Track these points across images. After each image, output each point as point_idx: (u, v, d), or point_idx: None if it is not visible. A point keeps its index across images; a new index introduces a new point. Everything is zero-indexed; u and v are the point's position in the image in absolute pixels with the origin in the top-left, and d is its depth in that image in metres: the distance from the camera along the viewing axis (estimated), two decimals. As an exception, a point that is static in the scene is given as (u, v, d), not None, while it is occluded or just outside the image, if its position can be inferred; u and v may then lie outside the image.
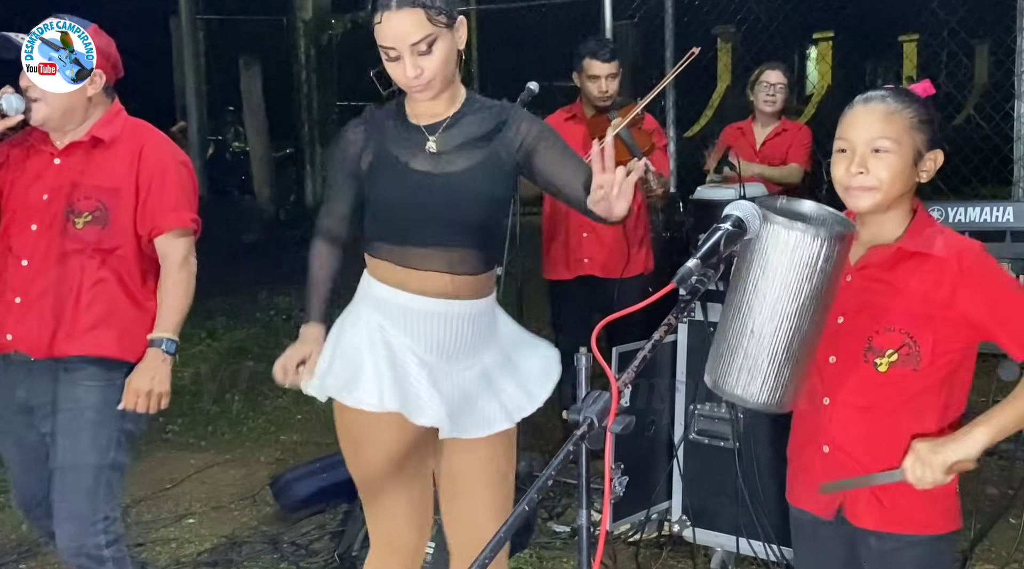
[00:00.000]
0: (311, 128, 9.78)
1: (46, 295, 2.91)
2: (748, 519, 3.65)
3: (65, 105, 2.90)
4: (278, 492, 4.45)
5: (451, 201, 2.52)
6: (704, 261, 1.89)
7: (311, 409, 6.00)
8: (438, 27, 2.41)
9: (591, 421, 1.66)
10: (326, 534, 4.27)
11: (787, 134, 5.27)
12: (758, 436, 3.66)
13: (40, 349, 2.92)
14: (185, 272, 3.00)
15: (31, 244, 2.92)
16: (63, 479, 2.93)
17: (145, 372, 2.92)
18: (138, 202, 2.95)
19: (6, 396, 3.01)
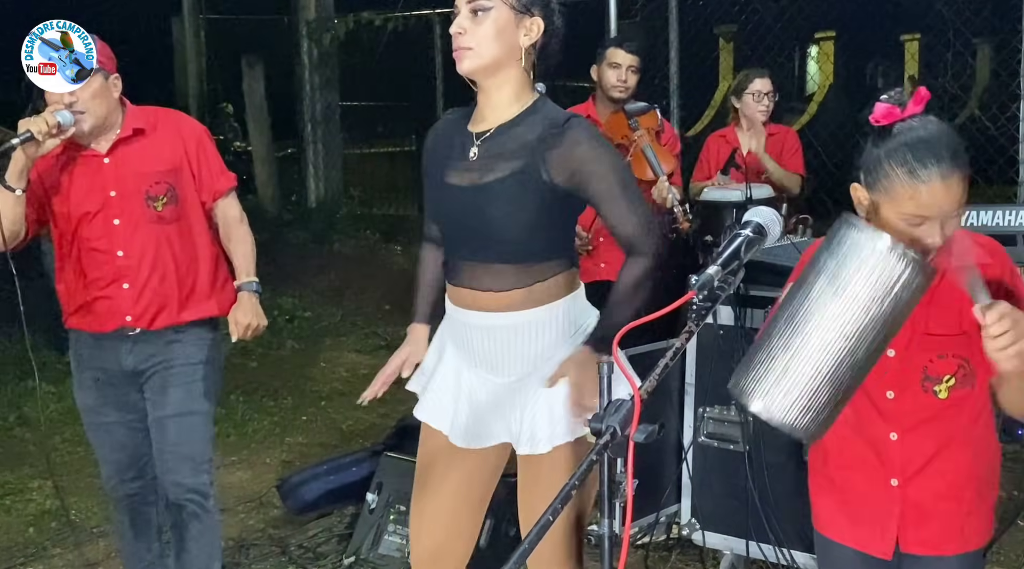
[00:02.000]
0: (313, 128, 9.76)
1: (152, 276, 3.19)
2: (758, 522, 3.64)
3: (107, 111, 3.12)
4: (285, 494, 4.44)
5: (481, 214, 2.44)
6: (724, 268, 1.89)
7: (316, 411, 6.00)
8: (502, 1, 2.37)
9: (614, 430, 1.65)
10: (334, 537, 4.26)
11: (774, 138, 5.20)
12: (768, 439, 3.66)
13: (158, 323, 3.22)
14: (245, 223, 3.39)
15: (122, 237, 3.17)
16: (180, 425, 3.27)
17: (248, 308, 3.30)
18: (193, 174, 3.26)
19: (113, 365, 3.27)
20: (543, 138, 2.41)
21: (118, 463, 3.38)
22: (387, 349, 7.31)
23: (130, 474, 3.39)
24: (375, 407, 6.01)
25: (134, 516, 3.46)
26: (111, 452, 3.38)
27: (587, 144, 2.42)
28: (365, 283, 8.58)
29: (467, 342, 2.57)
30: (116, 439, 3.35)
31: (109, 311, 3.21)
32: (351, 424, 5.77)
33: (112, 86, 3.13)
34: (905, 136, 1.98)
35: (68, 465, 5.23)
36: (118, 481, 3.40)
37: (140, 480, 3.40)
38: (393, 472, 4.00)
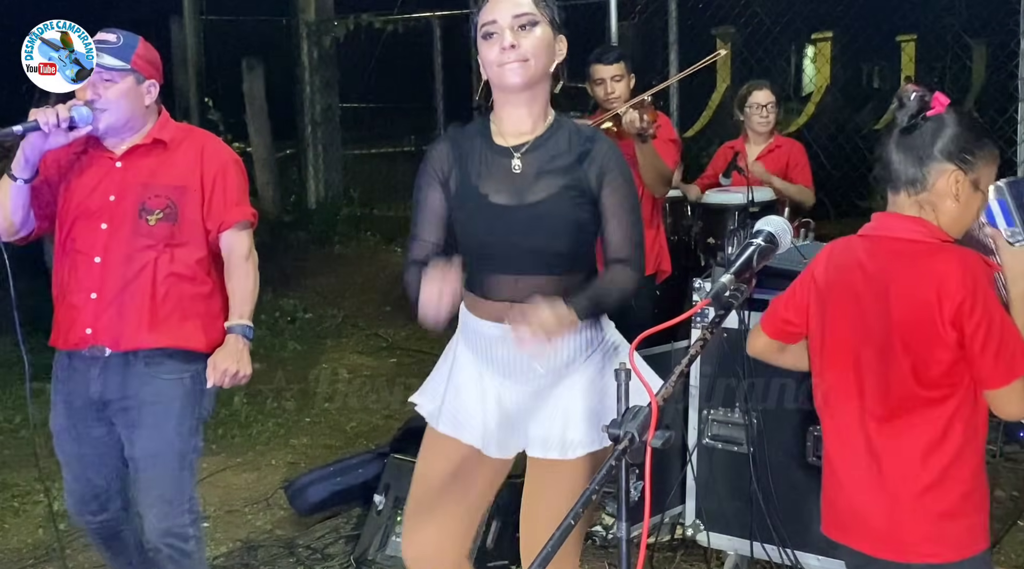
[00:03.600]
0: (313, 129, 9.79)
1: (123, 290, 3.03)
2: (762, 523, 3.68)
3: (128, 113, 3.03)
4: (292, 496, 4.47)
5: (531, 232, 2.49)
6: (737, 276, 1.93)
7: (318, 412, 6.03)
8: (543, 15, 2.46)
9: (632, 436, 1.69)
10: (341, 538, 4.30)
11: (781, 150, 5.28)
12: (772, 440, 3.70)
13: (120, 342, 3.03)
14: (251, 263, 3.18)
15: (103, 242, 3.04)
16: (151, 467, 3.09)
17: (230, 354, 3.07)
18: (204, 199, 3.10)
19: (78, 392, 3.10)
20: (582, 153, 2.51)
21: (79, 494, 3.20)
22: (389, 350, 7.36)
23: (92, 506, 3.20)
24: (379, 409, 6.08)
25: (107, 541, 3.31)
26: (72, 481, 3.19)
27: (617, 159, 2.55)
28: (366, 284, 8.61)
29: (491, 353, 2.60)
30: (76, 471, 3.18)
31: (73, 321, 3.05)
32: (355, 426, 5.81)
33: (145, 91, 3.05)
34: (966, 116, 2.23)
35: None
36: (80, 510, 3.23)
37: (104, 513, 3.22)
38: (400, 474, 4.03)
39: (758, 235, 2.03)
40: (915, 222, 2.18)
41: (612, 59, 4.63)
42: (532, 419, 2.62)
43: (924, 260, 2.15)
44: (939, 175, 2.16)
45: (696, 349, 1.84)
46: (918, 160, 2.17)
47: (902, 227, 2.20)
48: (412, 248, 2.65)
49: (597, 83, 4.65)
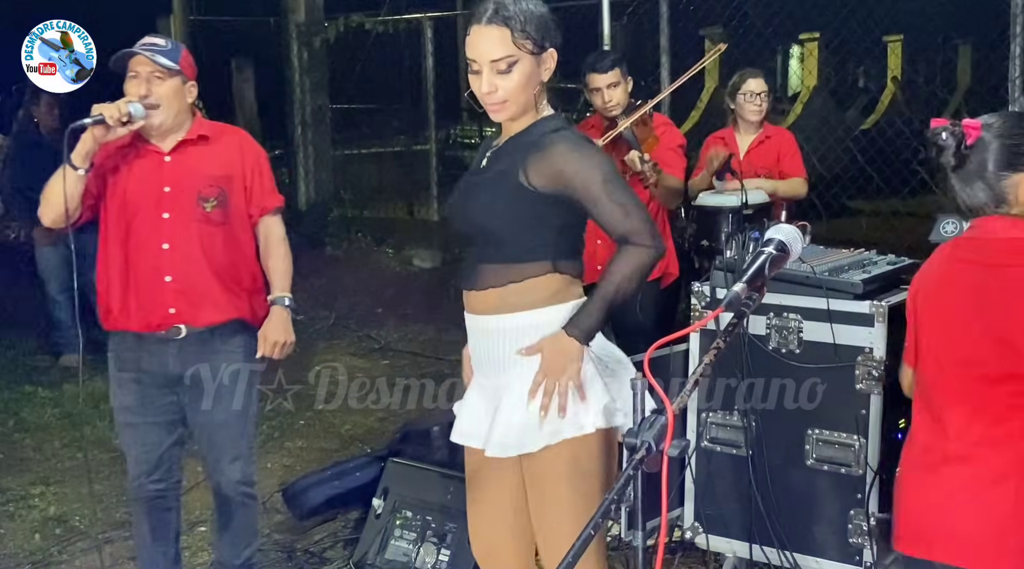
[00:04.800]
0: (304, 130, 9.78)
1: (193, 270, 3.32)
2: (760, 525, 3.70)
3: (175, 110, 3.28)
4: (290, 500, 4.47)
5: (466, 209, 2.62)
6: (749, 285, 1.94)
7: (314, 415, 6.03)
8: (521, 50, 2.48)
9: (649, 445, 1.70)
10: (339, 542, 4.30)
11: (771, 141, 5.24)
12: (770, 443, 3.72)
13: (199, 319, 3.34)
14: (286, 243, 3.55)
15: (169, 230, 3.31)
16: (230, 429, 3.47)
17: (276, 326, 3.44)
18: (246, 187, 3.43)
19: (156, 367, 3.38)
20: (530, 143, 2.54)
21: (146, 463, 3.47)
22: (381, 352, 7.36)
23: (156, 475, 3.49)
24: (374, 411, 6.08)
25: (153, 519, 3.54)
26: (142, 452, 3.47)
27: (565, 148, 2.51)
28: (357, 286, 8.60)
29: (473, 348, 2.73)
30: (148, 440, 3.45)
31: (152, 305, 3.32)
32: (349, 428, 5.81)
33: (187, 91, 3.32)
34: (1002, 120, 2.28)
35: (68, 471, 5.25)
36: (144, 481, 3.49)
37: (164, 482, 3.51)
38: (399, 478, 4.04)
39: (769, 243, 2.04)
40: (1020, 221, 2.21)
41: (607, 67, 4.62)
42: (484, 415, 2.66)
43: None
44: (1015, 188, 2.21)
45: (711, 357, 1.85)
46: (987, 185, 2.20)
47: (1007, 227, 2.22)
48: None
49: (593, 92, 4.65)
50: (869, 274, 3.74)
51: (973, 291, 2.24)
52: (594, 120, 4.83)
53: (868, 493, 3.59)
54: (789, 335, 3.69)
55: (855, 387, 3.59)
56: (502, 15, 2.47)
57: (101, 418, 5.98)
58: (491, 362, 2.65)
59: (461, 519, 3.79)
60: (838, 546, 3.67)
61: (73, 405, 6.15)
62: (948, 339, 2.28)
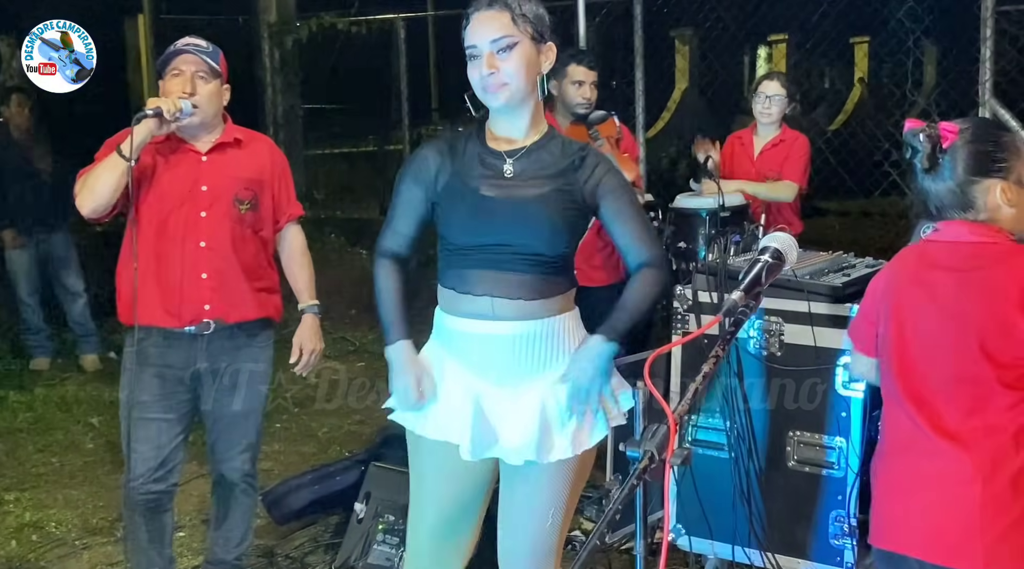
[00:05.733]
0: (275, 131, 9.71)
1: (228, 270, 3.40)
2: (742, 527, 3.72)
3: (215, 110, 3.37)
4: (270, 505, 4.44)
5: (516, 227, 2.56)
6: (747, 293, 1.95)
7: (290, 418, 6.01)
8: (522, 34, 2.51)
9: (651, 454, 1.71)
10: (320, 547, 4.29)
11: (783, 145, 5.25)
12: (752, 446, 3.74)
13: (231, 315, 3.42)
14: (307, 252, 3.69)
15: (206, 228, 3.38)
16: (244, 422, 3.58)
17: (313, 333, 3.64)
18: (273, 193, 3.52)
19: (180, 364, 3.44)
20: (573, 160, 2.59)
21: (151, 461, 3.48)
22: (357, 354, 7.34)
23: (159, 474, 3.50)
24: (350, 414, 6.07)
25: (149, 521, 3.54)
26: (149, 449, 3.47)
27: (604, 165, 2.62)
28: (330, 288, 8.51)
29: (473, 353, 2.64)
30: (157, 436, 3.47)
31: (188, 301, 3.38)
32: (327, 431, 5.79)
33: (224, 93, 3.40)
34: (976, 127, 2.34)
35: (43, 477, 5.20)
36: (145, 480, 3.49)
37: (164, 482, 3.53)
38: (381, 482, 4.04)
39: (765, 251, 2.05)
40: (983, 226, 2.25)
41: (593, 63, 4.65)
42: (507, 422, 2.64)
43: (1000, 260, 2.21)
44: (985, 193, 2.24)
45: (711, 366, 1.86)
46: (957, 189, 2.22)
47: (972, 231, 2.26)
48: (385, 236, 2.77)
49: (574, 84, 4.66)
50: (848, 277, 3.76)
51: (944, 294, 2.28)
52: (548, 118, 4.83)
53: (849, 494, 3.62)
54: (771, 338, 3.71)
55: (836, 389, 3.62)
56: (500, 1, 2.52)
57: (74, 422, 5.95)
58: (518, 367, 2.62)
59: (444, 523, 3.80)
60: (820, 547, 3.69)
61: (45, 409, 6.09)
62: (920, 341, 2.31)
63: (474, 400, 2.65)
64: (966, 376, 2.22)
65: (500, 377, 2.64)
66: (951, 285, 2.27)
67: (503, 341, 2.60)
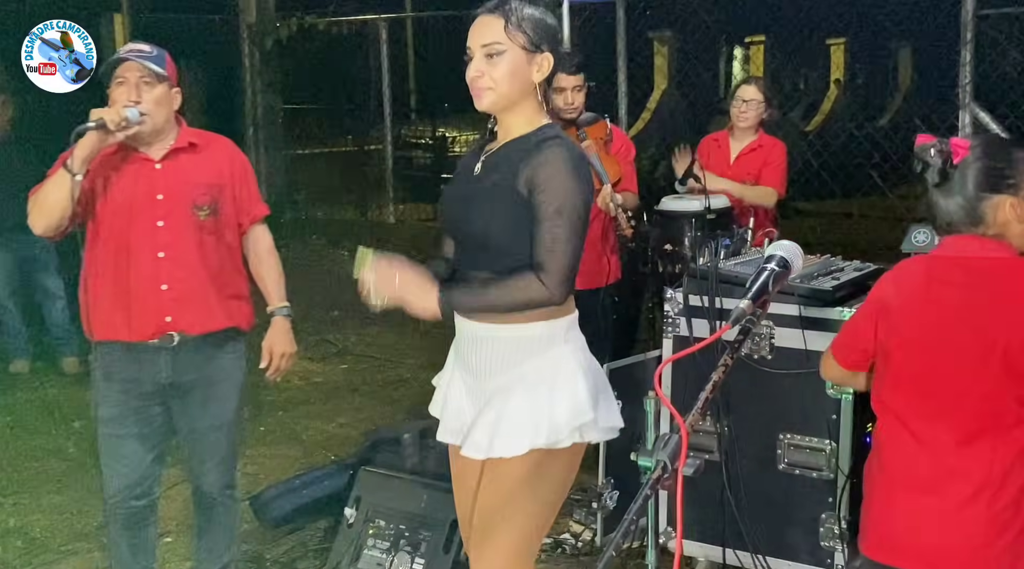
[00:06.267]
0: (255, 131, 9.68)
1: (190, 279, 3.30)
2: (733, 529, 3.74)
3: (167, 117, 3.27)
4: (258, 509, 4.41)
5: (469, 216, 2.61)
6: (754, 301, 1.96)
7: (274, 421, 5.97)
8: (512, 42, 2.52)
9: (664, 464, 1.71)
10: (309, 552, 4.27)
11: (761, 150, 5.28)
12: (743, 448, 3.76)
13: (195, 326, 3.31)
14: (275, 251, 3.58)
15: (164, 238, 3.27)
16: (217, 434, 3.47)
17: (283, 336, 3.53)
18: (234, 195, 3.41)
19: (146, 377, 3.34)
20: (526, 151, 2.55)
21: (127, 478, 3.41)
22: (339, 356, 7.31)
23: (137, 491, 3.43)
24: (333, 417, 6.05)
25: (132, 535, 3.49)
26: (123, 467, 3.41)
27: (553, 156, 2.51)
28: (312, 290, 8.50)
29: (458, 348, 2.77)
30: (131, 453, 3.40)
31: (148, 313, 3.28)
32: (311, 434, 5.76)
33: (173, 97, 3.29)
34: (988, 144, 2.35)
35: (25, 482, 5.14)
36: (124, 497, 3.43)
37: (145, 498, 3.47)
38: (371, 487, 4.02)
39: (771, 259, 2.06)
40: (993, 241, 2.26)
41: (574, 69, 4.64)
42: (468, 417, 2.71)
43: (1011, 274, 2.22)
44: (994, 209, 2.25)
45: (720, 375, 1.87)
46: (968, 204, 2.23)
47: (983, 246, 2.27)
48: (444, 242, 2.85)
49: (557, 91, 4.66)
50: (838, 280, 3.79)
51: (954, 312, 2.28)
52: None
53: (839, 497, 3.65)
54: (761, 341, 3.73)
55: (826, 392, 3.65)
56: (501, 7, 2.55)
57: (56, 426, 5.90)
58: (480, 367, 2.68)
59: (435, 527, 3.79)
60: (810, 549, 3.72)
61: (25, 413, 6.04)
62: (929, 357, 2.30)
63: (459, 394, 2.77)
64: (979, 392, 2.22)
65: (474, 375, 2.70)
66: (962, 301, 2.27)
67: (472, 342, 2.67)
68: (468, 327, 2.68)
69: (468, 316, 2.65)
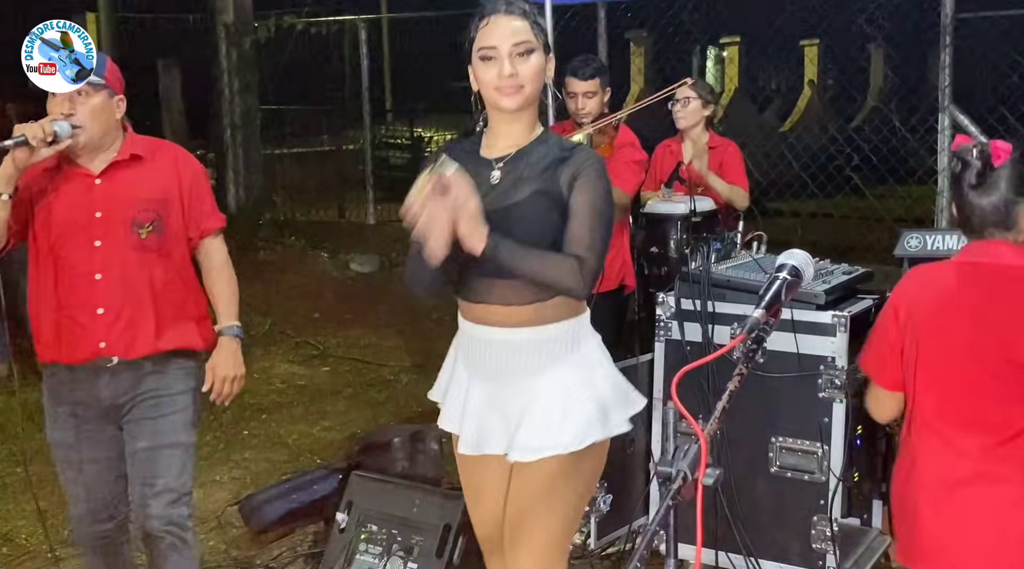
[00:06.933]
0: (233, 132, 9.61)
1: (128, 302, 3.12)
2: (725, 532, 3.76)
3: (104, 128, 3.08)
4: (247, 514, 4.40)
5: (508, 232, 2.53)
6: (767, 310, 1.97)
7: (258, 424, 5.95)
8: (537, 42, 2.54)
9: (684, 474, 1.72)
10: (299, 557, 4.25)
11: (715, 151, 5.27)
12: (735, 451, 3.77)
13: (131, 351, 3.13)
14: (230, 266, 3.35)
15: (101, 259, 3.10)
16: (158, 457, 3.20)
17: (226, 359, 3.26)
18: (183, 209, 3.21)
19: (90, 399, 3.18)
20: (559, 159, 2.58)
21: (91, 503, 3.26)
22: (321, 358, 7.29)
23: (103, 515, 3.29)
24: (317, 420, 6.03)
25: (105, 556, 3.36)
26: (85, 491, 3.25)
27: (595, 166, 2.59)
28: (292, 291, 8.49)
29: (475, 356, 2.70)
30: (91, 478, 3.24)
31: (82, 338, 3.11)
32: (296, 438, 5.74)
33: (115, 106, 3.10)
34: None
35: (9, 487, 5.10)
36: (90, 522, 3.29)
37: (112, 521, 3.31)
38: (363, 491, 4.00)
39: (783, 268, 2.07)
40: (1013, 247, 2.25)
41: (588, 75, 4.62)
42: (505, 422, 2.66)
43: None
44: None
45: (735, 384, 1.88)
46: (1001, 206, 2.23)
47: (1008, 252, 2.26)
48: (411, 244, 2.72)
49: (570, 96, 4.67)
50: (829, 284, 3.81)
51: (979, 318, 2.27)
52: (566, 124, 4.85)
53: (831, 499, 3.67)
54: (753, 345, 3.75)
55: (818, 396, 3.67)
56: (519, 7, 2.56)
57: (38, 430, 5.82)
58: (516, 371, 2.64)
59: (428, 532, 3.78)
60: (801, 552, 3.74)
61: (7, 417, 5.97)
62: (958, 364, 2.29)
63: (475, 401, 2.70)
64: (1006, 398, 2.23)
65: (497, 380, 2.67)
66: (987, 308, 2.26)
67: (498, 345, 2.63)
68: (495, 333, 2.63)
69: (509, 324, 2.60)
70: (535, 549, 2.71)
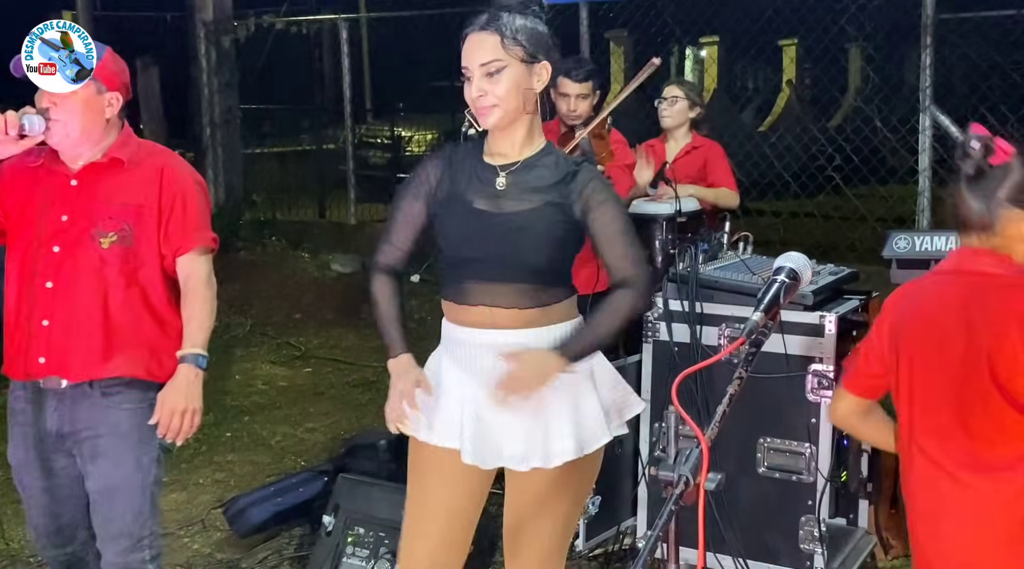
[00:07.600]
0: (212, 131, 9.55)
1: (75, 317, 2.88)
2: (713, 533, 3.76)
3: (83, 126, 2.86)
4: (232, 517, 4.36)
5: (507, 241, 2.57)
6: (766, 313, 1.96)
7: (240, 426, 5.91)
8: (511, 56, 2.51)
9: (686, 479, 1.71)
10: (284, 560, 4.23)
11: (699, 152, 5.23)
12: (724, 452, 3.76)
13: (72, 372, 2.89)
14: (210, 289, 2.99)
15: (55, 266, 2.89)
16: (110, 501, 2.94)
17: (178, 389, 2.86)
18: (161, 222, 2.93)
19: (37, 425, 2.95)
20: (568, 174, 2.59)
21: (44, 528, 3.06)
22: (303, 359, 7.25)
23: (60, 539, 3.07)
24: (301, 422, 5.99)
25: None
26: (37, 516, 3.05)
27: (598, 180, 2.62)
28: (273, 292, 8.44)
29: (473, 361, 2.66)
30: (41, 504, 3.02)
31: (23, 349, 2.91)
32: (279, 440, 5.71)
33: (106, 103, 2.89)
34: None
35: (-5, 491, 5.04)
36: (47, 545, 3.10)
37: (71, 544, 3.09)
38: (350, 494, 3.98)
39: (780, 272, 2.07)
40: (994, 256, 2.22)
41: (582, 77, 4.57)
42: (509, 430, 2.64)
43: (1007, 292, 2.18)
44: (1008, 222, 2.20)
45: (736, 388, 1.87)
46: (987, 207, 2.19)
47: (984, 261, 2.23)
48: (382, 251, 2.75)
49: (561, 97, 4.63)
50: (816, 285, 3.81)
51: (964, 327, 2.23)
52: (552, 124, 4.81)
53: (819, 500, 3.68)
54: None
55: (806, 396, 3.68)
56: (493, 23, 2.53)
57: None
58: None
59: (416, 535, 3.77)
60: (790, 552, 3.75)
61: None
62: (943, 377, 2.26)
63: (475, 407, 2.65)
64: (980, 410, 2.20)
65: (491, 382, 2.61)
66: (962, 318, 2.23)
67: (501, 350, 2.59)
68: (490, 336, 2.62)
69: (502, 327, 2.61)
70: (538, 557, 2.73)
